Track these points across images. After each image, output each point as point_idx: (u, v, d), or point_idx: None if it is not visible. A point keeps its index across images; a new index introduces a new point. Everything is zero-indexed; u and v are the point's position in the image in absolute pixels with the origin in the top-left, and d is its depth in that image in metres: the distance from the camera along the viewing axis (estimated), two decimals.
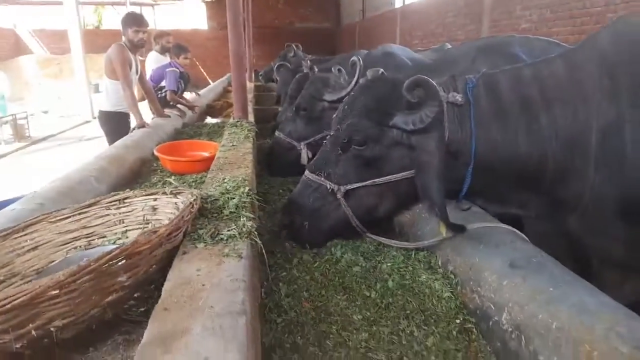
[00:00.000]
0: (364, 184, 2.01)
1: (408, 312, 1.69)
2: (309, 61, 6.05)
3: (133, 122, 5.43)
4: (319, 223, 2.10)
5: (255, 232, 1.47)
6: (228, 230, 1.42)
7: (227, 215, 1.56)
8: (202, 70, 20.14)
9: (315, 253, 2.11)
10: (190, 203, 1.51)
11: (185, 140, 4.68)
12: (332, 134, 2.16)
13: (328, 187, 2.06)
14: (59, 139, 12.39)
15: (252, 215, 1.59)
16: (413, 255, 2.09)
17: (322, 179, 2.09)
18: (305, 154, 3.43)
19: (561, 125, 1.78)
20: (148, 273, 1.34)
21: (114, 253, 1.17)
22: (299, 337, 1.57)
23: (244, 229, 1.44)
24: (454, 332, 1.66)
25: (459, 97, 1.87)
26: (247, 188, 1.83)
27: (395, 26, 15.98)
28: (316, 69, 5.24)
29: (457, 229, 1.85)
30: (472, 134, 1.85)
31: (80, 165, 3.43)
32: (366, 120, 1.97)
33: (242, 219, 1.51)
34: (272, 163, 3.56)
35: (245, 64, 3.66)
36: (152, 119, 5.92)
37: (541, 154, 1.83)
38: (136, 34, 5.27)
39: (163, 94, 6.47)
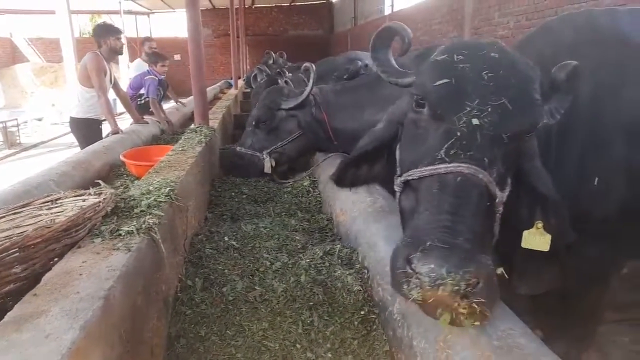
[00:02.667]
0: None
1: (312, 303, 1.79)
2: (284, 68, 6.19)
3: (105, 129, 5.55)
4: None
5: (156, 229, 1.57)
6: (128, 227, 1.53)
7: (136, 214, 1.67)
8: None
9: (242, 250, 2.22)
10: (97, 202, 1.62)
11: (155, 146, 4.81)
12: None
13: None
14: (49, 146, 12.51)
15: (160, 214, 1.69)
16: (337, 252, 2.19)
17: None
18: (268, 163, 3.56)
19: None
20: (47, 266, 1.44)
21: (4, 245, 1.28)
22: (204, 328, 1.67)
23: (144, 225, 1.54)
24: (356, 323, 1.76)
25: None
26: (167, 189, 1.94)
27: None
28: (288, 74, 5.40)
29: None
30: None
31: (42, 169, 3.54)
32: None
33: (146, 217, 1.62)
34: (236, 171, 3.67)
35: (204, 71, 3.77)
36: (130, 124, 6.05)
37: None
38: (117, 41, 5.45)
39: (142, 102, 6.60)
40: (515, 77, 1.40)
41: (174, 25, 26.00)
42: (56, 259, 1.46)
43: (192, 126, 3.88)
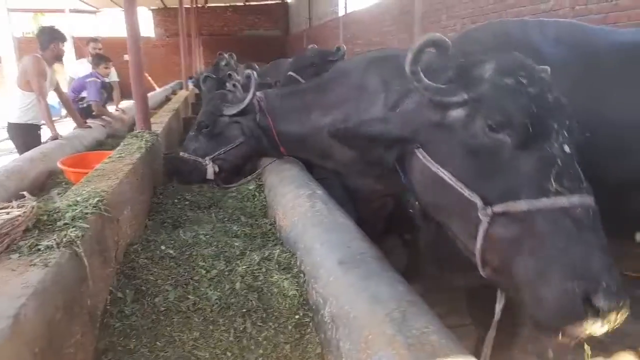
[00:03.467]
0: None
1: (245, 310, 1.81)
2: (253, 72, 6.12)
3: (45, 135, 5.35)
4: None
5: (79, 242, 1.54)
6: (47, 241, 1.49)
7: (59, 227, 1.62)
8: (149, 79, 19.81)
9: (179, 258, 2.20)
10: (17, 216, 1.57)
11: (95, 152, 4.67)
12: None
13: None
14: None
15: (85, 226, 1.65)
16: (275, 257, 2.21)
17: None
18: (211, 169, 3.52)
19: None
20: None
21: None
22: (133, 340, 1.65)
23: (65, 239, 1.51)
24: (290, 327, 1.79)
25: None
26: (96, 199, 1.90)
27: (338, 34, 16.28)
28: (238, 77, 5.36)
29: None
30: None
31: None
32: None
33: (69, 231, 1.58)
34: (178, 176, 3.62)
35: (143, 74, 3.70)
36: (73, 129, 5.84)
37: None
38: (61, 48, 5.29)
39: (85, 105, 6.38)
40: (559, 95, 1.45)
41: (121, 25, 25.24)
42: None
43: (134, 131, 3.79)
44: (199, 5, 21.92)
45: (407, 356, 1.22)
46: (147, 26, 25.19)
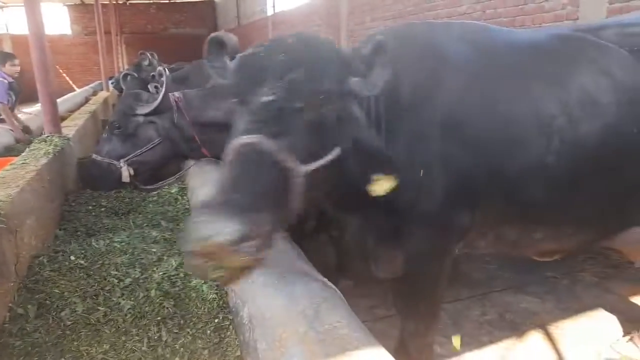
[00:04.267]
0: None
1: (160, 318, 1.75)
2: (164, 69, 5.89)
3: None
4: None
5: None
6: None
7: None
8: (67, 78, 18.59)
9: (90, 268, 2.08)
10: None
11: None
12: None
13: None
14: None
15: None
16: None
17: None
18: (126, 172, 3.37)
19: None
20: None
21: None
22: (36, 359, 1.54)
23: None
24: (208, 332, 1.75)
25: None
26: None
27: (267, 33, 16.21)
28: (162, 78, 5.14)
29: None
30: None
31: None
32: None
33: None
34: (93, 183, 3.43)
35: (51, 75, 3.46)
36: None
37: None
38: None
39: None
40: (305, 58, 1.59)
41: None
42: None
43: (42, 136, 3.54)
44: (120, 2, 20.93)
45: (318, 351, 1.24)
46: (63, 23, 23.67)
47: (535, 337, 2.93)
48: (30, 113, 7.42)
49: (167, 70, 3.36)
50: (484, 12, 6.60)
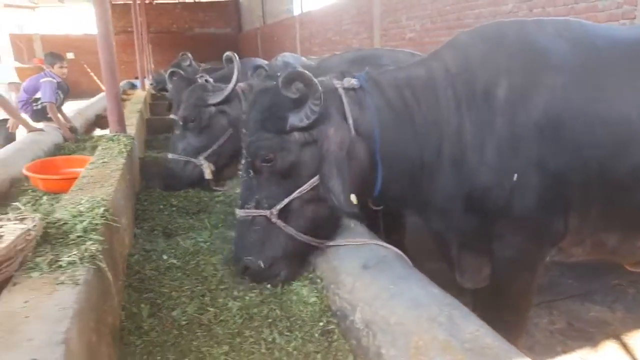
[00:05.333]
0: (290, 198, 1.90)
1: (271, 320, 1.74)
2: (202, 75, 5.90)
3: None
4: (272, 255, 1.94)
5: (101, 256, 1.42)
6: (68, 257, 1.36)
7: (73, 240, 1.50)
8: (95, 78, 18.89)
9: (185, 268, 2.09)
10: (28, 230, 1.43)
11: (61, 157, 4.38)
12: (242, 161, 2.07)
13: (261, 216, 1.93)
14: None
15: (100, 238, 1.54)
16: None
17: (252, 210, 1.94)
18: (207, 169, 3.34)
19: (428, 125, 1.96)
20: None
21: None
22: (158, 358, 1.55)
23: (87, 254, 1.39)
24: (316, 335, 1.74)
25: (354, 81, 1.95)
26: (102, 209, 1.77)
27: (295, 33, 16.22)
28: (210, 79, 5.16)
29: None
30: (372, 116, 1.91)
31: None
32: (263, 132, 1.89)
33: (87, 244, 1.46)
34: (170, 183, 3.41)
35: (117, 74, 3.51)
36: (27, 133, 5.46)
37: (419, 149, 1.97)
38: None
39: (38, 107, 5.98)
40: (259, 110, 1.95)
41: (64, 21, 23.94)
42: None
43: (108, 134, 3.59)
44: (147, 1, 21.19)
45: None
46: (90, 23, 24.06)
47: (609, 348, 2.86)
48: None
49: (236, 55, 3.35)
50: (531, 11, 6.49)
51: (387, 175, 1.96)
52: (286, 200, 1.90)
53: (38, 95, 5.99)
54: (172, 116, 6.38)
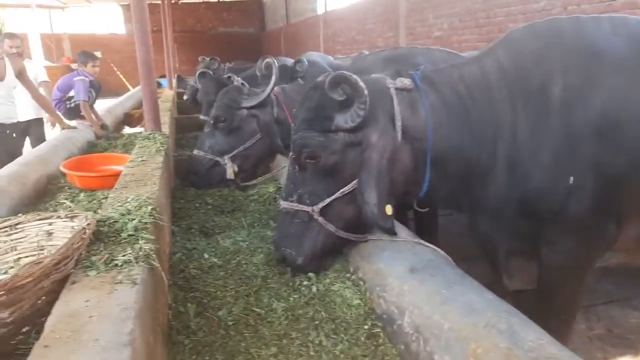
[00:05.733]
0: (334, 197, 1.94)
1: (317, 322, 1.73)
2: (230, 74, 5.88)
3: None
4: (308, 248, 1.99)
5: (154, 255, 1.42)
6: (123, 255, 1.37)
7: (125, 239, 1.50)
8: (121, 76, 19.24)
9: (227, 267, 2.09)
10: (83, 228, 1.44)
11: (96, 154, 4.45)
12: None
13: (303, 211, 1.97)
14: None
15: (152, 237, 1.54)
16: (331, 265, 2.13)
17: (295, 204, 1.99)
18: (230, 169, 3.38)
19: (483, 124, 1.92)
20: (35, 306, 1.26)
21: None
22: (207, 358, 1.54)
23: (141, 253, 1.39)
24: (362, 338, 1.71)
25: (407, 82, 1.93)
26: (150, 207, 1.78)
27: (318, 32, 16.22)
28: (237, 79, 5.16)
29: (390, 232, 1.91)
30: (426, 118, 1.89)
31: None
32: (311, 131, 1.92)
33: (140, 243, 1.46)
34: (195, 180, 3.47)
35: (154, 73, 3.54)
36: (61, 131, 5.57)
37: (474, 148, 1.94)
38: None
39: (72, 105, 6.10)
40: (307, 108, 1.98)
41: (90, 20, 24.42)
42: (43, 297, 1.28)
43: (144, 132, 3.62)
44: (172, 1, 21.47)
45: None
46: (116, 22, 24.51)
47: None
48: None
49: (275, 62, 3.35)
50: (565, 8, 6.33)
51: (437, 176, 1.93)
52: (328, 200, 1.94)
53: (71, 93, 6.11)
54: (201, 117, 6.46)
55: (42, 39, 18.67)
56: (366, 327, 1.76)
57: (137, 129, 7.08)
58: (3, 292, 1.11)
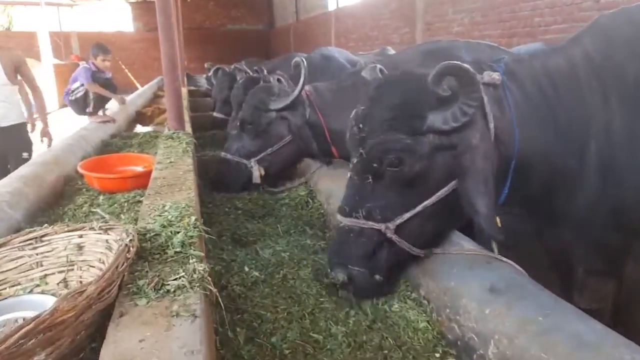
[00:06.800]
0: (415, 211, 1.66)
1: (386, 351, 1.51)
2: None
3: None
4: (380, 270, 1.72)
5: (209, 278, 1.21)
6: (175, 279, 1.16)
7: (171, 257, 1.29)
8: (129, 74, 19.10)
9: (271, 283, 1.88)
10: (126, 246, 1.23)
11: (115, 154, 4.26)
12: (353, 161, 1.77)
13: (374, 229, 1.69)
14: None
15: (202, 254, 1.33)
16: None
17: (362, 220, 1.69)
18: (257, 172, 3.19)
19: (571, 123, 1.69)
20: (75, 342, 1.05)
21: (27, 328, 0.88)
22: None
23: (195, 275, 1.18)
24: None
25: (496, 75, 1.67)
26: (193, 218, 1.57)
27: (330, 28, 15.97)
28: (265, 71, 4.93)
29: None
30: (512, 117, 1.64)
31: None
32: (394, 133, 1.61)
33: (191, 262, 1.25)
34: (220, 182, 3.29)
35: (179, 68, 3.34)
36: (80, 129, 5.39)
37: (561, 151, 1.70)
38: None
39: (79, 94, 5.87)
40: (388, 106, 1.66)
41: (98, 18, 24.30)
42: (83, 332, 1.07)
43: (167, 131, 3.42)
44: None
45: None
46: (124, 20, 24.39)
47: None
48: None
49: (305, 61, 3.13)
50: (598, 1, 6.07)
51: (517, 182, 1.70)
52: (407, 215, 1.65)
53: (75, 85, 5.92)
54: (215, 114, 6.25)
55: (51, 36, 18.57)
56: (437, 355, 1.55)
57: (150, 128, 6.90)
58: (41, 331, 0.90)
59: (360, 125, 1.70)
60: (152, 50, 23.12)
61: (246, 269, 1.98)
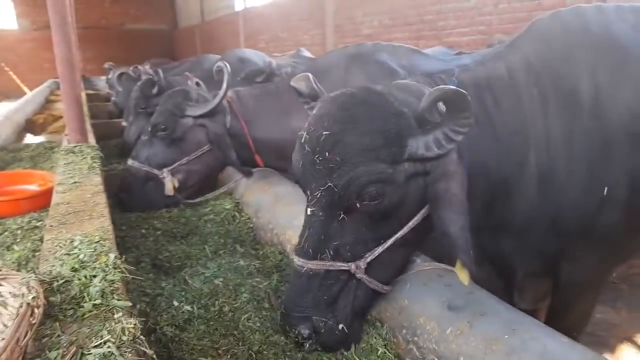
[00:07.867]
0: (387, 245, 1.49)
1: None
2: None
3: None
4: (345, 317, 1.52)
5: (142, 338, 0.98)
6: (98, 345, 0.91)
7: (90, 312, 1.04)
8: (14, 77, 17.15)
9: (207, 318, 1.66)
10: (28, 306, 0.95)
11: (1, 172, 3.67)
12: (311, 197, 1.50)
13: (341, 269, 1.48)
14: None
15: (128, 303, 1.09)
16: None
17: (329, 262, 1.47)
18: (170, 184, 2.87)
19: (511, 133, 1.65)
20: None
21: None
22: None
23: (125, 337, 0.95)
24: None
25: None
26: (112, 256, 1.30)
27: (238, 29, 15.59)
28: (161, 74, 4.54)
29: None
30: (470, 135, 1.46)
31: None
32: (376, 162, 1.40)
33: (116, 316, 1.01)
34: (128, 197, 2.93)
35: (78, 73, 2.94)
36: None
37: (499, 164, 1.65)
38: None
39: None
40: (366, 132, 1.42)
41: None
42: None
43: (66, 144, 2.99)
44: None
45: None
46: (7, 17, 21.92)
47: (627, 352, 2.78)
48: None
49: (228, 66, 2.88)
50: (496, 6, 6.46)
51: (478, 200, 1.63)
52: (379, 250, 1.48)
53: None
54: (123, 123, 5.72)
55: None
56: None
57: (43, 138, 6.16)
58: None
59: (327, 154, 1.42)
60: (42, 50, 20.97)
61: (175, 303, 1.73)
